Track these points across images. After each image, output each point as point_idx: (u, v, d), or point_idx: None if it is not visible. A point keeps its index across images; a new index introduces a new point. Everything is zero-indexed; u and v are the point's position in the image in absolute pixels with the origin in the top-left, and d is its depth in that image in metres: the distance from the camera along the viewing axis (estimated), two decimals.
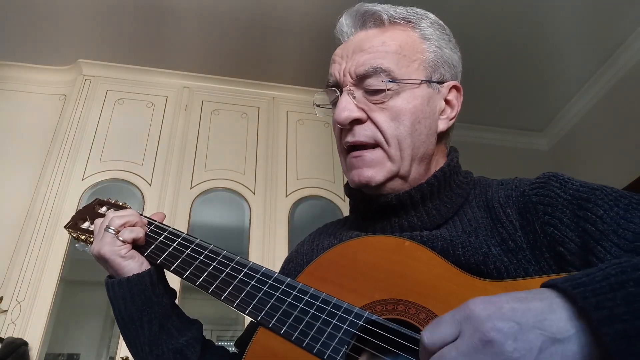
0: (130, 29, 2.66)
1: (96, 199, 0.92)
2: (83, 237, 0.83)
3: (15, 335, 2.02)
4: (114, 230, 0.74)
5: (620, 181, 2.68)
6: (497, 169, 2.05)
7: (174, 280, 0.83)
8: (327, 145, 2.85)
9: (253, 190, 2.63)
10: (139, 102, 2.80)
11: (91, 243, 0.80)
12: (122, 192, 2.56)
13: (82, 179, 2.47)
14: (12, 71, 2.79)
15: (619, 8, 2.59)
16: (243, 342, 0.81)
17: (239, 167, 2.69)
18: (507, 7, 2.59)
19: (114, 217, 0.76)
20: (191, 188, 2.57)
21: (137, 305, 0.73)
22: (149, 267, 0.75)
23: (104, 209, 0.89)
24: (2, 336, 2.01)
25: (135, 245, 0.76)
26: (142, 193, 2.51)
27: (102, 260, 0.75)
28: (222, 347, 0.83)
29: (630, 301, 0.37)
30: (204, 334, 0.81)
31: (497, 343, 0.37)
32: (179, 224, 2.44)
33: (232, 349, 0.85)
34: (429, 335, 0.41)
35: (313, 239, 0.85)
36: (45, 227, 2.29)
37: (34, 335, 2.04)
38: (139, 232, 0.76)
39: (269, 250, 2.43)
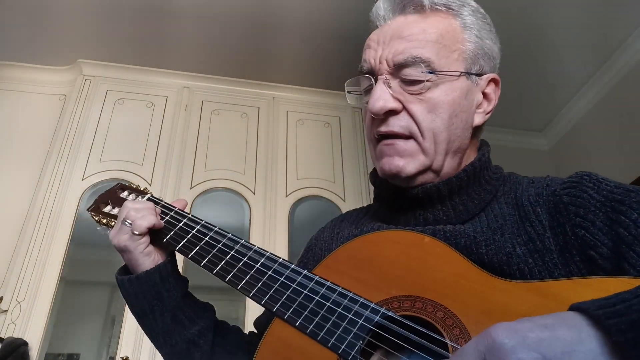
0: (130, 29, 2.66)
1: (118, 183, 0.93)
2: (105, 221, 0.84)
3: (15, 335, 2.02)
4: (130, 223, 0.74)
5: (620, 181, 2.68)
6: None
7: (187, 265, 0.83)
8: (327, 145, 2.85)
9: (253, 190, 2.63)
10: (139, 102, 2.80)
11: (112, 227, 0.81)
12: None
13: (82, 179, 2.47)
14: (12, 71, 2.79)
15: (619, 8, 2.59)
16: (261, 323, 0.81)
17: (239, 167, 2.69)
18: (507, 7, 2.59)
19: (131, 210, 0.75)
20: (191, 188, 2.57)
21: (148, 299, 0.73)
22: (162, 259, 0.76)
23: (125, 193, 0.90)
24: (2, 336, 2.01)
25: (155, 231, 0.76)
26: None
27: (120, 251, 0.75)
28: (236, 329, 0.83)
29: None
30: (213, 302, 0.82)
31: None
32: None
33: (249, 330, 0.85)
34: None
35: (334, 226, 0.83)
36: (45, 227, 2.29)
37: (34, 335, 2.04)
38: (151, 220, 0.74)
39: (269, 250, 2.43)
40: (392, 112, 0.67)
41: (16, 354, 1.92)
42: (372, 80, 0.69)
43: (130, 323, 1.98)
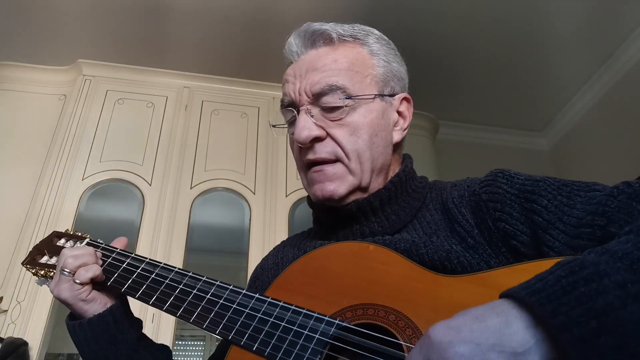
0: (130, 29, 2.66)
1: (53, 231, 0.89)
2: (42, 272, 0.80)
3: (15, 335, 2.02)
4: (69, 272, 0.72)
5: (620, 181, 2.68)
6: None
7: None
8: None
9: (253, 190, 2.63)
10: (139, 102, 2.80)
11: (51, 278, 0.78)
12: (122, 192, 2.56)
13: (82, 179, 2.47)
14: (12, 71, 2.79)
15: (619, 8, 2.59)
16: (223, 348, 0.80)
17: (239, 167, 2.69)
18: (507, 7, 2.59)
19: (68, 258, 0.73)
20: (191, 188, 2.57)
21: (102, 345, 0.71)
22: (112, 303, 0.74)
23: (62, 241, 0.86)
24: (2, 336, 2.01)
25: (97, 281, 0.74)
26: (142, 193, 2.51)
27: (63, 302, 0.73)
28: None
29: (583, 301, 0.37)
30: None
31: None
32: (179, 224, 2.44)
33: None
34: None
35: (277, 252, 0.86)
36: (45, 227, 2.29)
37: (34, 335, 2.04)
38: (95, 270, 0.73)
39: (268, 251, 2.43)
40: (317, 139, 0.71)
41: (16, 354, 1.92)
42: (295, 112, 0.74)
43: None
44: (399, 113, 0.78)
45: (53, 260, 0.81)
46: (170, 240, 2.37)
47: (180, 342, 2.76)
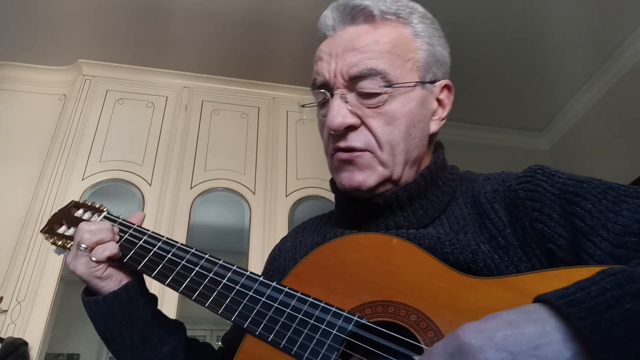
0: (130, 29, 2.66)
1: (72, 201, 0.88)
2: (60, 243, 0.80)
3: (15, 335, 2.02)
4: (85, 247, 0.70)
5: (620, 181, 2.68)
6: (497, 169, 2.05)
7: None
8: None
9: (253, 190, 2.63)
10: (139, 102, 2.80)
11: (69, 249, 0.77)
12: (122, 192, 2.56)
13: (82, 179, 2.47)
14: (12, 71, 2.79)
15: (619, 8, 2.59)
16: (231, 339, 0.80)
17: (239, 167, 2.69)
18: (507, 7, 2.59)
19: (85, 234, 0.71)
20: (191, 188, 2.57)
21: (116, 321, 0.71)
22: (128, 280, 0.73)
23: (80, 211, 0.84)
24: (2, 336, 2.01)
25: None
26: (142, 193, 2.51)
27: (79, 277, 0.73)
28: (207, 347, 0.82)
29: (628, 320, 0.34)
30: (205, 333, 0.80)
31: None
32: (179, 224, 2.44)
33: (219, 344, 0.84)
34: None
35: (296, 235, 0.82)
36: None
37: (34, 335, 2.04)
38: (112, 249, 0.72)
39: (269, 251, 2.42)
40: (351, 128, 0.66)
41: (16, 354, 1.92)
42: (328, 94, 0.68)
43: None
44: (439, 101, 0.72)
45: (71, 231, 0.80)
46: None
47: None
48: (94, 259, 0.70)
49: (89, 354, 2.58)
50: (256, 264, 2.32)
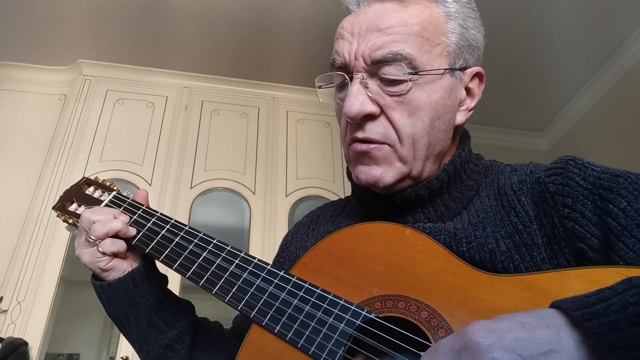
0: (130, 29, 2.66)
1: (84, 177, 0.87)
2: (71, 221, 0.79)
3: (15, 335, 2.02)
4: (94, 239, 0.69)
5: None
6: None
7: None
8: (327, 145, 2.85)
9: (253, 190, 2.63)
10: (139, 102, 2.80)
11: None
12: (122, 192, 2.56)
13: None
14: (12, 71, 2.79)
15: (619, 8, 2.59)
16: (241, 322, 0.79)
17: (239, 167, 2.69)
18: (507, 7, 2.59)
19: (97, 225, 0.69)
20: (191, 188, 2.57)
21: (122, 306, 0.70)
22: (133, 267, 0.72)
23: (91, 189, 0.84)
24: (2, 336, 2.01)
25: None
26: None
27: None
28: (218, 328, 0.80)
29: None
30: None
31: None
32: None
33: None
34: None
35: (310, 222, 0.79)
36: (45, 227, 2.29)
37: (34, 335, 2.04)
38: (120, 246, 0.70)
39: (269, 251, 2.43)
40: (370, 117, 0.61)
41: (16, 354, 1.92)
42: (347, 77, 0.62)
43: None
44: (468, 90, 0.65)
45: (82, 209, 0.79)
46: None
47: None
48: (100, 250, 0.69)
49: (89, 354, 2.58)
50: None
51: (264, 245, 2.43)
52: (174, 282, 2.17)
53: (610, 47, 2.86)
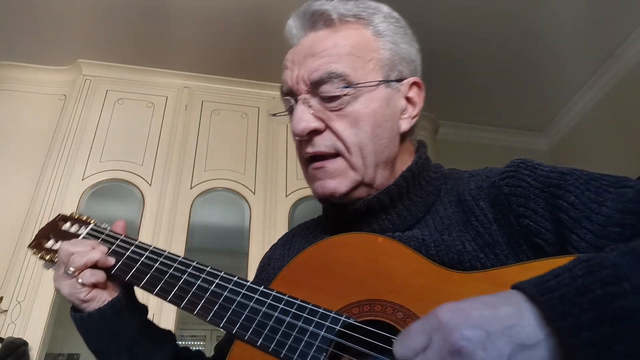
0: (130, 29, 2.66)
1: (59, 214, 0.88)
2: (48, 257, 0.79)
3: (15, 335, 2.02)
4: (73, 270, 0.69)
5: None
6: None
7: None
8: None
9: (253, 190, 2.63)
10: (139, 102, 2.80)
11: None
12: (122, 192, 2.56)
13: (82, 179, 2.47)
14: (12, 71, 2.79)
15: (619, 8, 2.59)
16: (220, 347, 0.80)
17: (239, 167, 2.69)
18: (507, 7, 2.59)
19: (75, 256, 0.70)
20: (191, 188, 2.57)
21: (102, 337, 0.71)
22: (112, 297, 0.72)
23: (67, 224, 0.84)
24: (2, 336, 2.01)
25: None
26: (142, 193, 2.51)
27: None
28: (198, 355, 0.81)
29: (598, 305, 0.35)
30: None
31: (466, 352, 0.36)
32: (179, 224, 2.44)
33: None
34: (400, 347, 0.41)
35: (285, 242, 0.83)
36: None
37: (34, 335, 2.04)
38: (100, 276, 0.71)
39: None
40: (316, 132, 0.67)
41: (16, 354, 1.92)
42: (292, 101, 0.69)
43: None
44: (408, 99, 0.71)
45: (58, 245, 0.79)
46: (170, 240, 2.37)
47: (180, 342, 2.76)
48: (80, 281, 0.69)
49: (89, 354, 2.57)
50: (256, 263, 2.30)
51: (264, 245, 2.43)
52: None
53: (610, 47, 2.86)
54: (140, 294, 0.75)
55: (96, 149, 2.58)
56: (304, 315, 0.58)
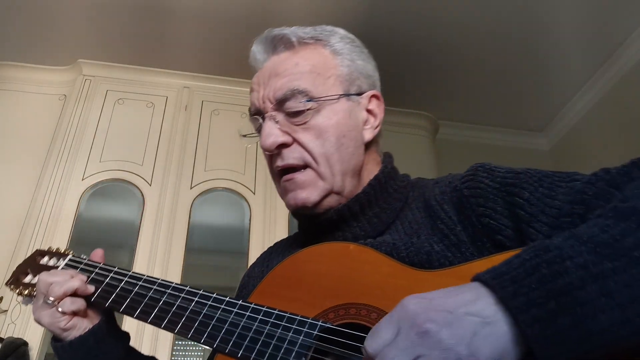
0: (130, 29, 2.66)
1: (36, 250, 0.88)
2: (27, 292, 0.79)
3: (15, 335, 2.02)
4: (53, 299, 0.70)
5: None
6: None
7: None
8: None
9: (253, 190, 2.63)
10: (139, 102, 2.80)
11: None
12: (122, 192, 2.56)
13: (82, 179, 2.47)
14: (12, 71, 2.79)
15: (619, 8, 2.59)
16: None
17: (239, 167, 2.69)
18: (507, 7, 2.59)
19: (54, 286, 0.71)
20: (191, 188, 2.57)
21: None
22: (93, 324, 0.73)
23: (45, 259, 0.85)
24: (2, 336, 2.01)
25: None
26: (142, 193, 2.51)
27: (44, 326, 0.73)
28: None
29: (544, 283, 0.39)
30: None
31: (433, 332, 0.39)
32: (179, 224, 2.44)
33: None
34: (370, 342, 0.42)
35: (263, 259, 0.86)
36: (45, 227, 2.29)
37: (34, 335, 2.04)
38: (80, 304, 0.72)
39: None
40: (284, 146, 0.71)
41: (16, 354, 1.92)
42: (261, 119, 0.74)
43: (128, 323, 1.98)
44: (369, 111, 0.77)
45: (37, 279, 0.79)
46: (170, 240, 2.37)
47: (179, 342, 2.76)
48: (60, 309, 0.70)
49: None
50: None
51: (264, 245, 2.42)
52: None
53: (610, 47, 2.86)
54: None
55: (96, 149, 2.57)
56: (282, 323, 0.60)
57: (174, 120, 2.77)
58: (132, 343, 0.81)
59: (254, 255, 2.37)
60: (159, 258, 2.29)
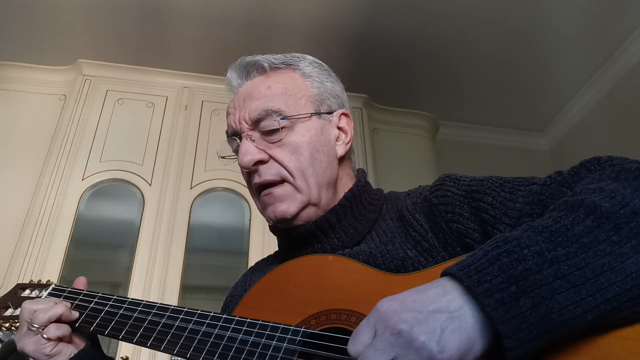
0: (130, 29, 2.66)
1: (17, 284, 0.89)
2: (7, 325, 0.79)
3: None
4: (37, 327, 0.71)
5: None
6: (497, 169, 2.05)
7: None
8: None
9: None
10: (139, 102, 2.80)
11: (17, 329, 0.77)
12: (122, 192, 2.56)
13: (82, 179, 2.47)
14: (12, 71, 2.79)
15: (619, 8, 2.59)
16: None
17: (239, 168, 2.68)
18: (507, 7, 2.59)
19: (38, 313, 0.72)
20: (191, 188, 2.57)
21: None
22: (78, 350, 0.74)
23: (27, 291, 0.86)
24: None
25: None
26: (142, 193, 2.51)
27: (29, 355, 0.73)
28: None
29: (505, 270, 0.43)
30: None
31: (405, 332, 0.42)
32: (179, 224, 2.44)
33: None
34: (352, 346, 0.46)
35: (245, 279, 0.89)
36: (45, 227, 2.29)
37: None
38: (65, 330, 0.73)
39: (269, 251, 2.42)
40: (261, 162, 0.76)
41: (16, 354, 1.91)
42: (238, 139, 0.78)
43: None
44: (340, 128, 0.82)
45: (18, 312, 0.80)
46: (170, 240, 2.37)
47: None
48: (45, 336, 0.71)
49: None
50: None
51: (264, 245, 2.43)
52: (174, 283, 2.17)
53: (610, 47, 2.86)
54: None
55: (96, 149, 2.57)
56: (266, 332, 0.62)
57: (174, 120, 2.77)
58: (130, 357, 0.82)
59: (253, 255, 2.38)
60: (159, 258, 2.29)
